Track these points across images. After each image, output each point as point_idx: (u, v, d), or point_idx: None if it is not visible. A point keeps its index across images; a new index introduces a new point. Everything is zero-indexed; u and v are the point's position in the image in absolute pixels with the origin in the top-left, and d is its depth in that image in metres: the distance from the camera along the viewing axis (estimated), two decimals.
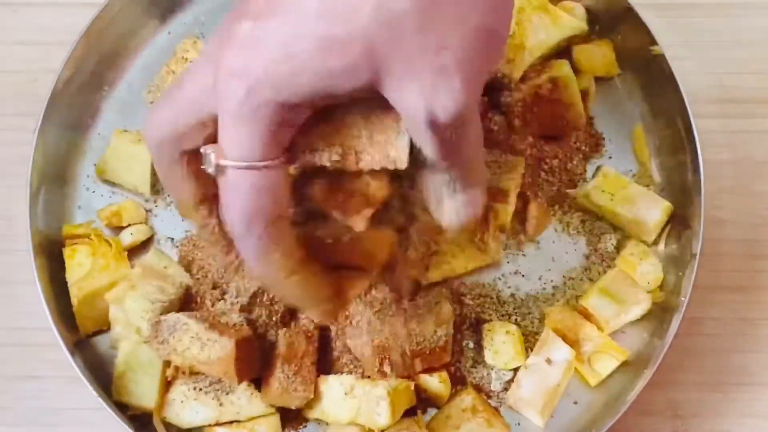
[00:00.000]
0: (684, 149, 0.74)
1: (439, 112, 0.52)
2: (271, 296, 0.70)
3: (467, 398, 0.71)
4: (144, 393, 0.70)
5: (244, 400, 0.69)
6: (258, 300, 0.70)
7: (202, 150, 0.56)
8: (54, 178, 0.76)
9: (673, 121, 0.75)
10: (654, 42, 0.75)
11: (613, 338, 0.73)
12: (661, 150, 0.77)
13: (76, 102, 0.77)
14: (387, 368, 0.68)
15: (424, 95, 0.52)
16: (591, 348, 0.72)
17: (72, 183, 0.77)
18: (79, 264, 0.73)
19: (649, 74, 0.77)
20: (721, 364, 0.77)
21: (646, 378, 0.70)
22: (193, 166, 0.59)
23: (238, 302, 0.70)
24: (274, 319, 0.70)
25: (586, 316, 0.73)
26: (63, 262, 0.73)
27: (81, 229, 0.74)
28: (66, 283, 0.73)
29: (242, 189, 0.55)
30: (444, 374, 0.71)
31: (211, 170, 0.55)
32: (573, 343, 0.72)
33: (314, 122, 0.56)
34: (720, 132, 0.81)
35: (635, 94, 0.79)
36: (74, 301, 0.72)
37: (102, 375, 0.71)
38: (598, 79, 0.79)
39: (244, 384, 0.69)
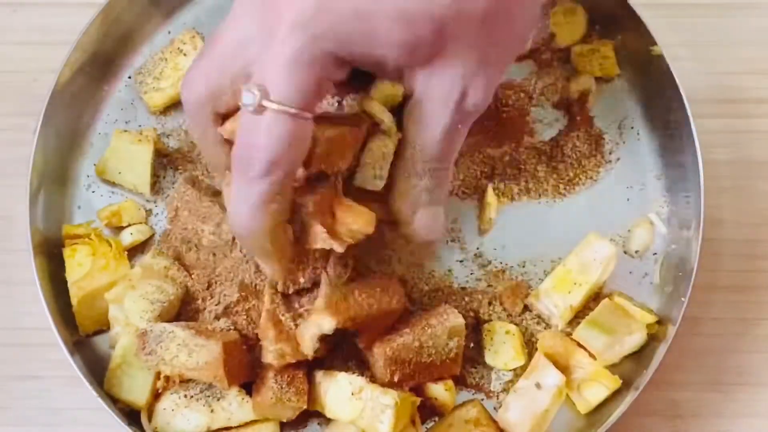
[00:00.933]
0: (684, 149, 0.74)
1: (471, 93, 0.59)
2: (248, 306, 0.70)
3: (472, 410, 0.71)
4: (137, 388, 0.70)
5: (235, 406, 0.69)
6: (236, 309, 0.70)
7: (243, 86, 0.57)
8: (54, 178, 0.75)
9: (673, 121, 0.75)
10: (654, 42, 0.75)
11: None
12: (661, 150, 0.77)
13: (76, 102, 0.77)
14: (397, 378, 0.68)
15: (464, 76, 0.58)
16: (582, 375, 0.72)
17: (72, 183, 0.77)
18: (79, 264, 0.73)
19: (649, 74, 0.77)
20: (721, 364, 0.77)
21: (646, 378, 0.70)
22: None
23: (219, 308, 0.70)
24: (251, 328, 0.70)
25: (580, 344, 0.73)
26: (63, 262, 0.73)
27: (81, 229, 0.74)
28: (66, 283, 0.73)
29: (278, 132, 0.57)
30: (450, 383, 0.71)
31: (250, 108, 0.56)
32: (564, 369, 0.72)
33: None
34: (720, 132, 0.81)
35: (635, 94, 0.79)
36: (74, 300, 0.72)
37: (102, 375, 0.71)
38: (598, 79, 0.79)
39: (235, 390, 0.69)
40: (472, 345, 0.73)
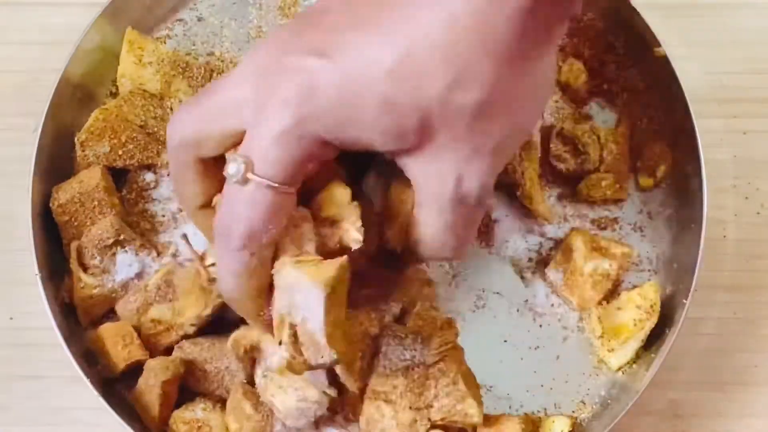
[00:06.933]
0: (685, 149, 0.74)
1: (466, 184, 0.58)
2: None
3: None
4: None
5: None
6: None
7: (228, 156, 0.58)
8: (54, 178, 0.75)
9: (674, 121, 0.75)
10: (657, 43, 0.75)
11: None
12: (663, 149, 0.77)
13: (77, 101, 0.77)
14: None
15: (457, 166, 0.57)
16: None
17: None
18: None
19: (651, 74, 0.77)
20: (721, 364, 0.77)
21: (647, 379, 0.70)
22: (207, 173, 0.61)
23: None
24: None
25: None
26: (63, 262, 0.73)
27: None
28: (66, 283, 0.73)
29: (259, 205, 0.57)
30: None
31: (234, 179, 0.57)
32: None
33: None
34: (720, 132, 0.81)
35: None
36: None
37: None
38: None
39: None
40: None
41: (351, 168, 0.64)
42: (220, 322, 0.72)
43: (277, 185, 0.57)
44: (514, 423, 0.68)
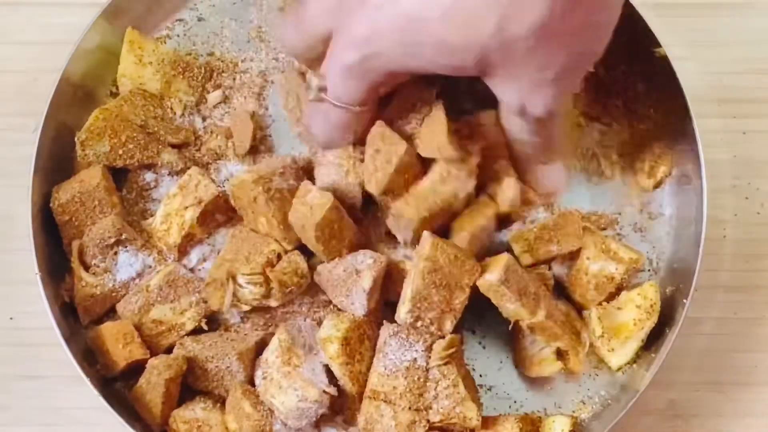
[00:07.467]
0: (685, 149, 0.74)
1: (530, 109, 0.64)
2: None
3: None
4: None
5: None
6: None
7: (307, 76, 0.68)
8: (55, 178, 0.75)
9: (675, 121, 0.75)
10: (657, 44, 0.75)
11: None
12: (663, 150, 0.77)
13: (77, 101, 0.77)
14: None
15: (521, 96, 0.63)
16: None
17: None
18: None
19: (651, 74, 0.77)
20: (721, 364, 0.77)
21: (647, 379, 0.70)
22: None
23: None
24: None
25: None
26: (63, 262, 0.73)
27: None
28: (66, 282, 0.73)
29: (332, 120, 0.67)
30: None
31: (311, 95, 0.67)
32: None
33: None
34: (720, 132, 0.81)
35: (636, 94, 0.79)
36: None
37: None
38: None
39: None
40: None
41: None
42: (220, 322, 0.72)
43: (344, 105, 0.65)
44: (512, 423, 0.68)
